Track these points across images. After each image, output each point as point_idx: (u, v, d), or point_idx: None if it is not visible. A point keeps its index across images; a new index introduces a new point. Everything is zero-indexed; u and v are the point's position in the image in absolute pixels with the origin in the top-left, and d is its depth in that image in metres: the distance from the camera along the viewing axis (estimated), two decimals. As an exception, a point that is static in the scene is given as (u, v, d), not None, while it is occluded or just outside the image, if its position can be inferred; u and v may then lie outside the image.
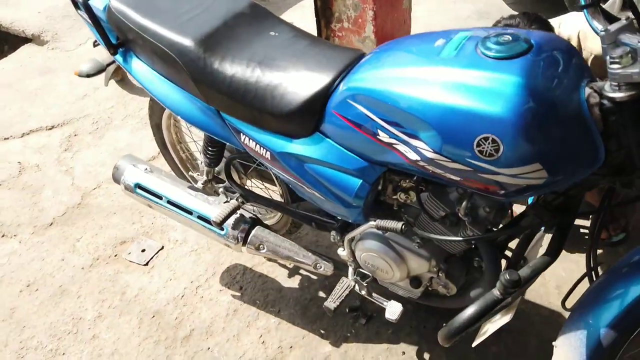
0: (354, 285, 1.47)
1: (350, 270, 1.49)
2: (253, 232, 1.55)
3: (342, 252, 1.45)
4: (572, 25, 1.57)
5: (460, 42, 0.99)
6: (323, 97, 1.15)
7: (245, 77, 1.23)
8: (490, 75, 0.90)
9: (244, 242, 1.55)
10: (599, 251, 1.87)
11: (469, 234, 1.17)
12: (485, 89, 0.89)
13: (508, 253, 1.37)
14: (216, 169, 1.67)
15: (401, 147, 1.03)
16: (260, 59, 1.24)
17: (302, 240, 2.06)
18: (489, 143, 0.89)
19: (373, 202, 1.29)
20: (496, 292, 0.99)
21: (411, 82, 0.98)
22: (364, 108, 1.06)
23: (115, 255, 2.06)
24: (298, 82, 1.18)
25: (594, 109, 0.88)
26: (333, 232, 1.46)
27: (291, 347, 1.70)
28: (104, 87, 3.10)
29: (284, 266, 1.96)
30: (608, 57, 0.84)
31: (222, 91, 1.26)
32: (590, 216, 1.16)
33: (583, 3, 0.88)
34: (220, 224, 1.49)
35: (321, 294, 1.86)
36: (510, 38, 0.93)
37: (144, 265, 2.02)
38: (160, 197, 1.60)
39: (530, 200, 1.23)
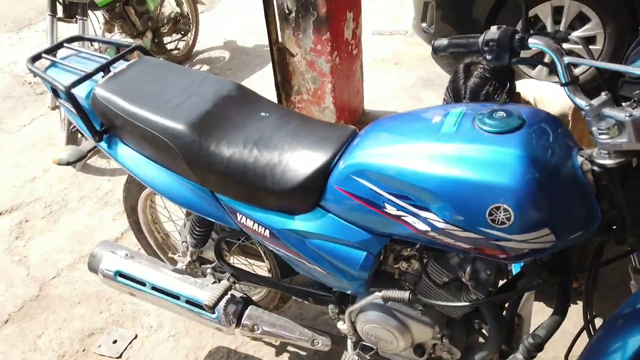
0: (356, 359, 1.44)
1: (350, 343, 1.47)
2: (246, 312, 1.50)
3: (343, 326, 1.43)
4: (527, 91, 1.72)
5: (456, 118, 1.06)
6: (323, 173, 1.18)
7: (243, 158, 1.24)
8: (494, 148, 0.97)
9: (238, 324, 1.49)
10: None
11: (473, 297, 1.20)
12: (491, 162, 0.96)
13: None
14: (202, 248, 1.62)
15: (409, 219, 1.07)
16: (256, 139, 1.26)
17: (286, 314, 2.01)
18: (500, 212, 0.94)
19: (374, 273, 1.30)
20: (519, 355, 1.01)
21: (418, 157, 1.04)
22: (370, 183, 1.09)
23: (84, 350, 1.90)
24: (297, 160, 1.21)
25: (587, 174, 0.97)
26: (331, 306, 1.44)
27: None
28: (55, 168, 2.98)
29: (270, 344, 1.89)
30: (595, 129, 0.93)
31: (219, 172, 1.25)
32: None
33: (564, 81, 0.98)
34: (212, 307, 1.43)
35: (312, 370, 1.79)
36: (505, 114, 1.01)
37: (117, 358, 1.87)
38: (143, 284, 1.52)
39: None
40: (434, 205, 1.01)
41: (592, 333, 1.20)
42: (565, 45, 2.71)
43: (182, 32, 4.25)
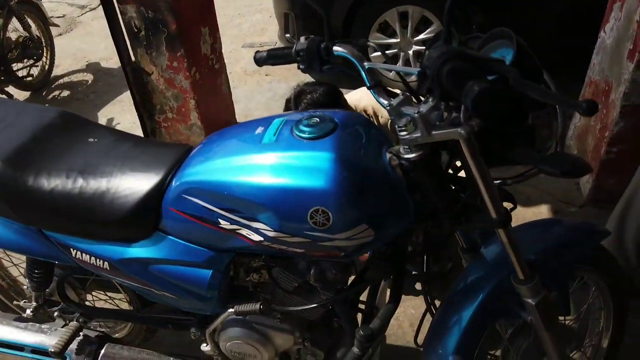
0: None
1: (220, 366, 1.44)
2: (102, 352, 1.40)
3: (206, 348, 1.40)
4: (366, 101, 1.84)
5: (276, 127, 1.09)
6: (156, 195, 1.15)
7: (66, 190, 1.16)
8: (308, 154, 1.01)
9: (93, 365, 1.39)
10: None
11: (323, 298, 1.24)
12: (306, 167, 0.99)
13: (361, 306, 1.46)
14: (47, 290, 1.49)
15: (244, 232, 1.07)
16: (81, 168, 1.19)
17: (164, 344, 1.92)
18: (320, 214, 0.98)
19: (228, 289, 1.28)
20: (355, 350, 1.05)
21: (241, 169, 1.04)
22: (201, 200, 1.08)
23: None
24: (127, 185, 1.16)
25: (396, 169, 1.04)
26: (193, 329, 1.40)
27: None
28: None
29: (145, 378, 1.79)
30: (396, 126, 1.00)
31: (42, 208, 1.16)
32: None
33: (368, 85, 1.05)
34: (60, 353, 1.32)
35: (191, 397, 1.73)
36: (318, 120, 1.06)
37: None
38: (-21, 341, 1.36)
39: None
40: (261, 215, 1.03)
41: (434, 312, 1.30)
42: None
43: (34, 57, 3.93)
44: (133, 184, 1.16)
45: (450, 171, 1.15)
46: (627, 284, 1.42)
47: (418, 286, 2.06)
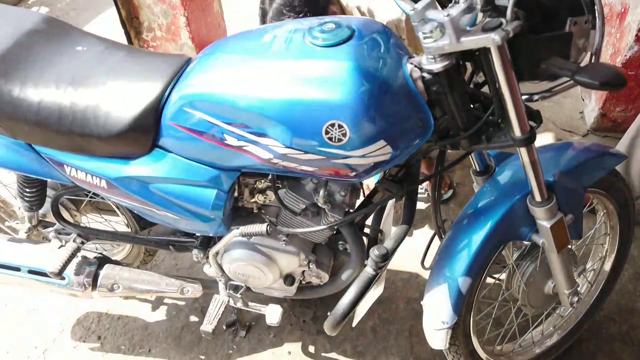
0: (228, 300, 1.40)
1: (221, 285, 1.42)
2: (102, 272, 1.37)
3: (209, 269, 1.37)
4: (359, 2, 1.65)
5: (287, 35, 0.99)
6: (155, 109, 1.06)
7: (57, 102, 1.06)
8: (323, 63, 0.92)
9: (94, 286, 1.36)
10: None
11: (331, 220, 1.20)
12: (321, 78, 0.91)
13: (366, 230, 1.44)
14: (40, 211, 1.44)
15: (252, 148, 1.00)
16: (72, 78, 1.09)
17: (161, 267, 1.91)
18: (335, 129, 0.91)
19: (231, 210, 1.24)
20: (369, 269, 1.03)
21: (249, 80, 0.96)
22: (205, 114, 1.00)
23: None
24: (123, 98, 1.07)
25: (417, 82, 0.96)
26: (195, 251, 1.37)
27: (172, 383, 1.57)
28: None
29: (145, 300, 1.79)
30: (420, 34, 0.91)
31: (30, 121, 1.07)
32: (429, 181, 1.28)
33: None
34: (59, 274, 1.29)
35: (193, 318, 1.74)
36: (334, 25, 0.96)
37: (-33, 345, 1.66)
38: (-27, 261, 1.32)
39: (377, 177, 1.31)
40: (272, 131, 0.95)
41: (443, 236, 1.27)
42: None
43: (6, -32, 3.61)
44: (129, 96, 1.06)
45: (472, 87, 1.08)
46: (634, 209, 1.40)
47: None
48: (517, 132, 0.97)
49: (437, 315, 1.21)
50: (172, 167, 1.11)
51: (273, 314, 1.36)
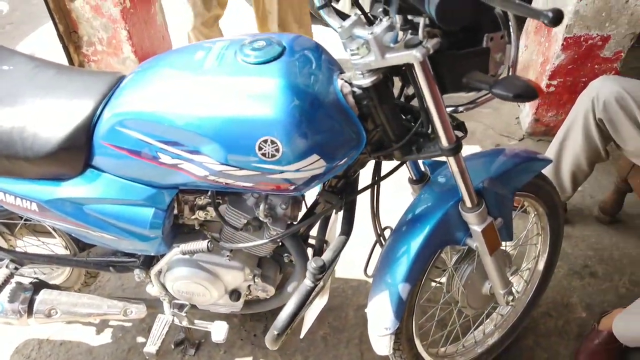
0: (172, 319, 1.38)
1: (166, 304, 1.40)
2: (38, 298, 1.32)
3: (152, 289, 1.35)
4: None
5: (220, 52, 1.00)
6: (86, 128, 1.04)
7: None
8: (254, 80, 0.93)
9: (29, 313, 1.31)
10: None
11: (273, 233, 1.21)
12: (252, 95, 0.92)
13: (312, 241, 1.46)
14: (-31, 238, 1.37)
15: (187, 166, 1.00)
16: None
17: (106, 288, 1.85)
18: (269, 145, 0.92)
19: (172, 228, 1.22)
20: (307, 281, 1.04)
21: (180, 98, 0.96)
22: (137, 133, 0.99)
23: None
24: (52, 117, 1.04)
25: (348, 97, 0.99)
26: (137, 271, 1.34)
27: (119, 408, 1.53)
28: None
29: (90, 324, 1.73)
30: (349, 50, 0.94)
31: (-48, 145, 1.03)
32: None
33: (318, 5, 0.97)
34: (-10, 302, 1.23)
35: (140, 339, 1.70)
36: (265, 43, 0.98)
37: None
38: None
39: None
40: (206, 148, 0.96)
41: (384, 243, 1.31)
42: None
43: None
44: (58, 115, 1.04)
45: (402, 100, 1.12)
46: (563, 211, 1.49)
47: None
48: (444, 142, 1.01)
49: (379, 322, 1.24)
50: (107, 187, 1.09)
51: (219, 331, 1.35)
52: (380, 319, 1.24)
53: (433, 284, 1.45)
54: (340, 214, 1.26)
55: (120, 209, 1.11)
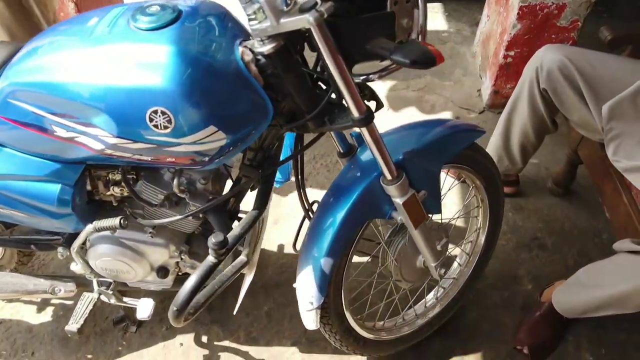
0: (98, 297, 1.35)
1: (95, 282, 1.37)
2: (-42, 278, 1.29)
3: (76, 267, 1.32)
4: None
5: (113, 18, 0.94)
6: None
7: None
8: (144, 47, 0.88)
9: (-49, 293, 1.28)
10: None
11: (192, 209, 1.17)
12: (141, 63, 0.87)
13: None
14: None
15: (83, 139, 0.96)
16: None
17: (50, 267, 1.82)
18: (159, 116, 0.88)
19: (91, 205, 1.19)
20: (210, 257, 1.01)
21: (69, 67, 0.91)
22: (29, 105, 0.94)
23: None
24: None
25: (250, 65, 0.94)
26: (60, 249, 1.31)
27: (56, 386, 1.51)
28: None
29: (31, 302, 1.71)
30: (247, 15, 0.89)
31: None
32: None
33: None
34: None
35: (81, 317, 1.68)
36: (159, 8, 0.92)
37: None
38: None
39: None
40: (97, 120, 0.91)
41: (312, 217, 1.28)
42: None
43: None
44: None
45: (319, 69, 1.08)
46: (501, 182, 1.46)
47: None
48: (355, 112, 0.98)
49: (305, 297, 1.22)
50: (9, 162, 1.05)
51: (144, 309, 1.33)
52: (306, 294, 1.22)
53: (367, 257, 1.44)
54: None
55: (26, 185, 1.07)
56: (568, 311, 1.49)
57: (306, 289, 1.22)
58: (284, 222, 1.97)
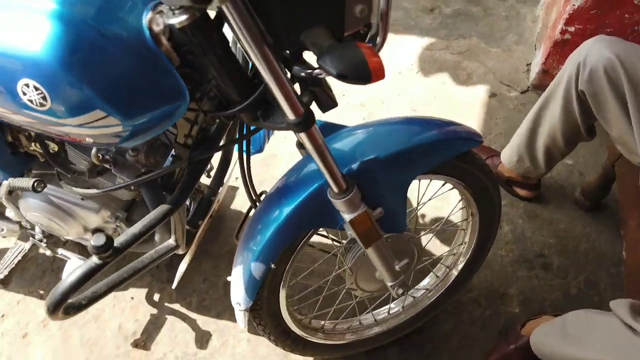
0: (31, 247, 1.29)
1: (38, 229, 1.30)
2: None
3: (10, 214, 1.25)
4: None
5: None
6: None
7: None
8: (18, 5, 0.70)
9: None
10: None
11: (120, 181, 1.04)
12: (15, 25, 0.70)
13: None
14: None
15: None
16: None
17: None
18: (32, 90, 0.72)
19: (15, 155, 1.08)
20: (94, 258, 0.88)
21: None
22: None
23: None
24: None
25: (160, 38, 0.75)
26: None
27: None
28: None
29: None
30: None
31: None
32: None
33: None
34: None
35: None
36: None
37: None
38: None
39: None
40: (-28, 84, 0.77)
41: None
42: None
43: None
44: None
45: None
46: (499, 197, 1.23)
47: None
48: (289, 114, 0.78)
49: (235, 297, 1.10)
50: None
51: (70, 269, 1.25)
52: (235, 294, 1.10)
53: (326, 255, 1.28)
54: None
55: None
56: (543, 356, 1.29)
57: (236, 289, 1.09)
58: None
